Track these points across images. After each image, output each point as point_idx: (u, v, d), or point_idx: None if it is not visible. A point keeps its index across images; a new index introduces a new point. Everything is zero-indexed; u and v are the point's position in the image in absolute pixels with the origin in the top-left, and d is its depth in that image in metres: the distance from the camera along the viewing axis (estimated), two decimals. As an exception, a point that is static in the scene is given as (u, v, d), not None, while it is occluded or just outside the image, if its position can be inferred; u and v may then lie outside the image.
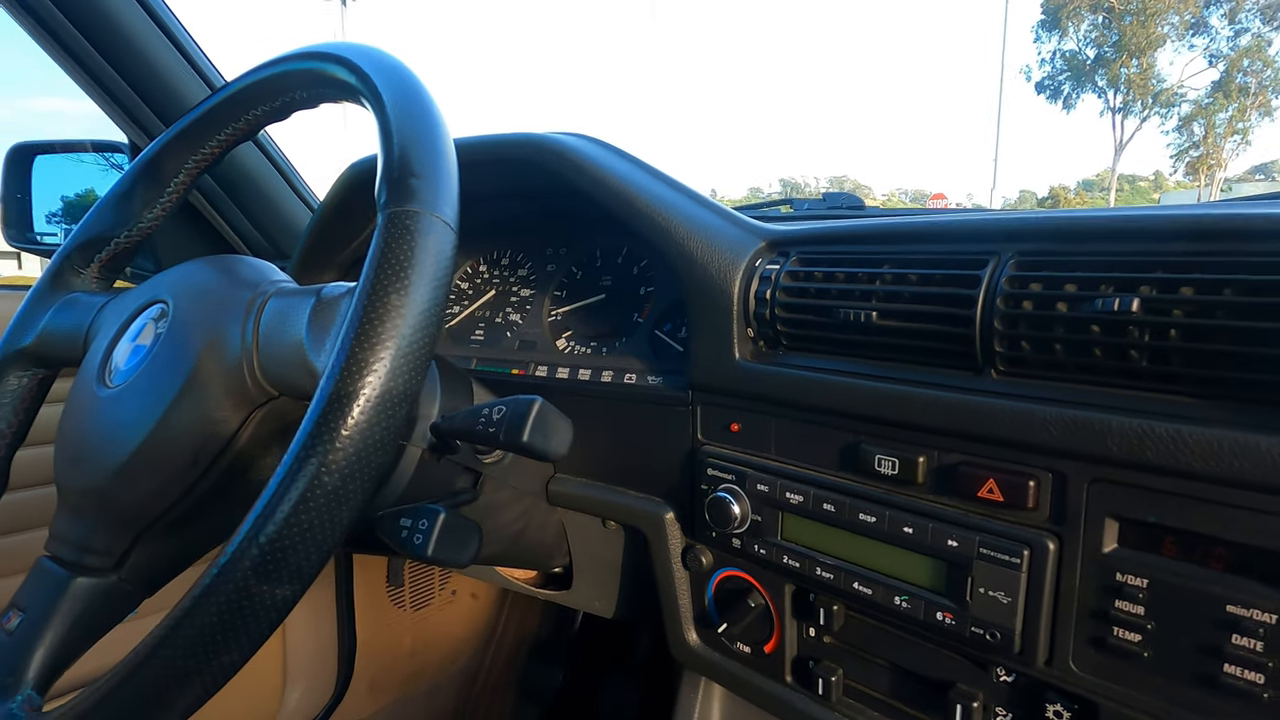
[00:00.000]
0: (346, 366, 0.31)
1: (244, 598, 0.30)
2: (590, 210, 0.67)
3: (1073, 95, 27.70)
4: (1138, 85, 25.63)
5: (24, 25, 0.69)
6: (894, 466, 0.44)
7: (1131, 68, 25.35)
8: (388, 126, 0.38)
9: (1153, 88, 25.84)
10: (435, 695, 1.22)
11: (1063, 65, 27.44)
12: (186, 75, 0.74)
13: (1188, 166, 26.01)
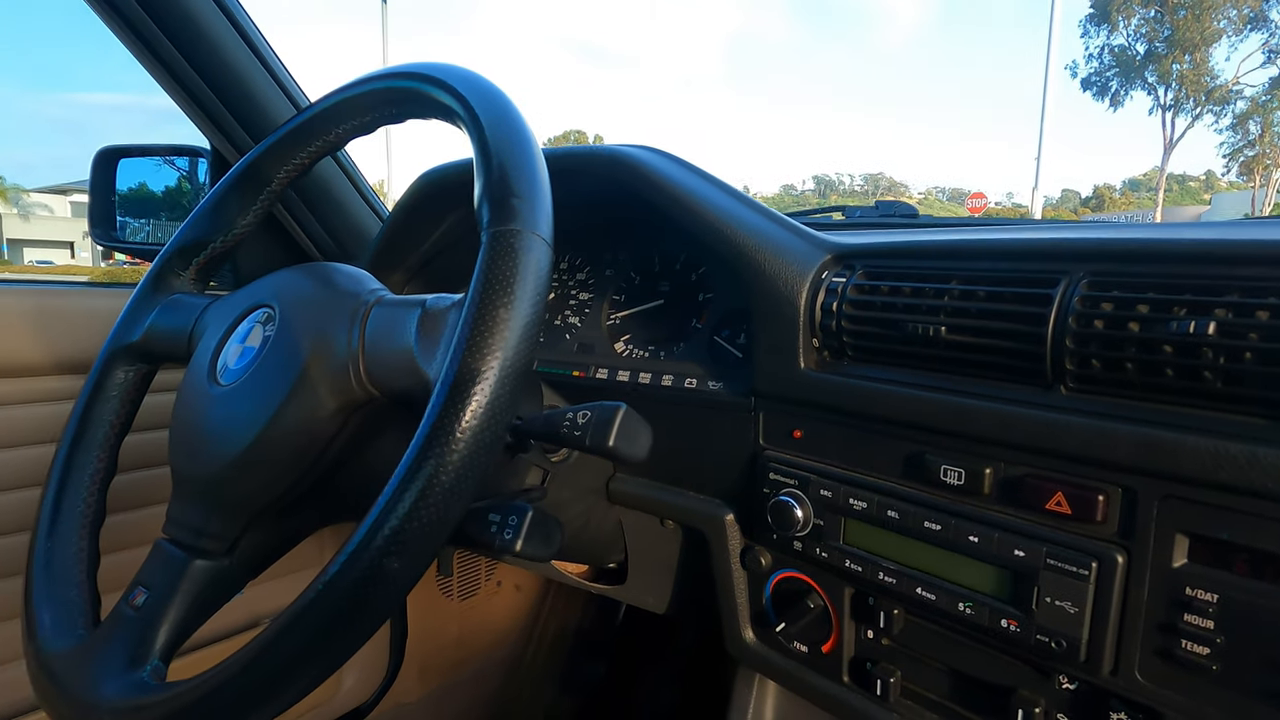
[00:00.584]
0: (459, 376, 0.34)
1: (368, 584, 0.32)
2: (650, 218, 0.70)
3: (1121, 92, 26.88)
4: (1190, 81, 24.76)
5: (123, 39, 0.73)
6: (960, 477, 0.46)
7: (1184, 63, 24.49)
8: (486, 148, 0.41)
9: (1206, 84, 24.94)
10: (479, 683, 1.25)
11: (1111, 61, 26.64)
12: (270, 87, 0.78)
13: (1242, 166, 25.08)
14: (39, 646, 0.45)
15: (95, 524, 0.53)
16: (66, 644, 0.44)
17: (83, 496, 0.53)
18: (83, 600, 0.48)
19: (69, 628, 0.46)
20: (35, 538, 0.51)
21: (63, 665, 0.43)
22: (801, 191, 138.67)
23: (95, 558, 0.51)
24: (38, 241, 44.93)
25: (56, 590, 0.48)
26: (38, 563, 0.49)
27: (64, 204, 47.78)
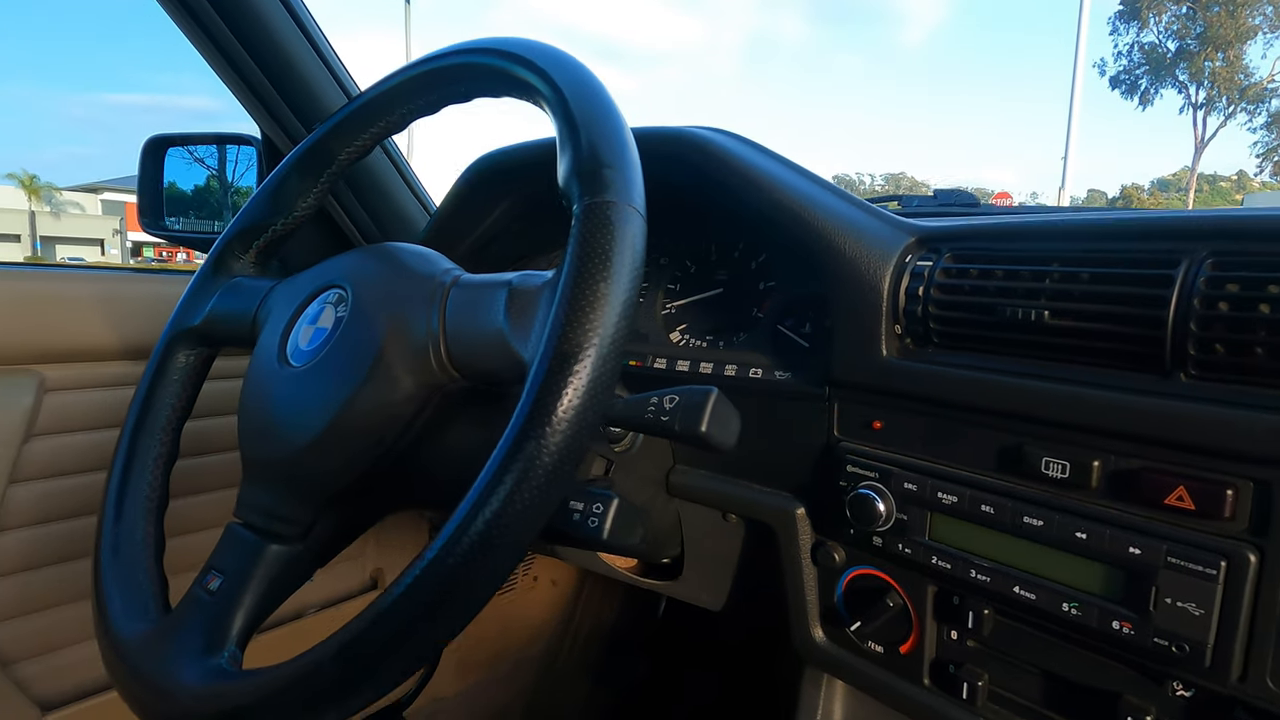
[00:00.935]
0: (559, 354, 0.32)
1: (468, 567, 0.31)
2: (710, 204, 0.68)
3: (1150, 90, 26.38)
4: (1223, 79, 24.23)
5: (182, 25, 0.73)
6: (1064, 470, 0.43)
7: (1217, 61, 23.98)
8: (572, 120, 0.39)
9: (1240, 82, 24.40)
10: (515, 677, 1.25)
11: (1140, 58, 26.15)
12: (324, 76, 0.78)
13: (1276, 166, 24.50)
14: (112, 630, 0.44)
15: (160, 508, 0.52)
16: (140, 628, 0.43)
17: (147, 481, 0.52)
18: (151, 584, 0.47)
19: (141, 612, 0.45)
20: (102, 522, 0.50)
21: (137, 649, 0.42)
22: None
23: (161, 541, 0.51)
24: (69, 239, 45.98)
25: (125, 574, 0.47)
26: (105, 547, 0.49)
27: (94, 202, 48.82)
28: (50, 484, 0.70)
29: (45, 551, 0.70)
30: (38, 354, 0.69)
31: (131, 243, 44.99)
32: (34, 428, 0.68)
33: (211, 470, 0.80)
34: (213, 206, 1.02)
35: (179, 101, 19.00)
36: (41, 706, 0.71)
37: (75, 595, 0.72)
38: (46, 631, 0.71)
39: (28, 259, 38.78)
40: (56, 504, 0.70)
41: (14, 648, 0.69)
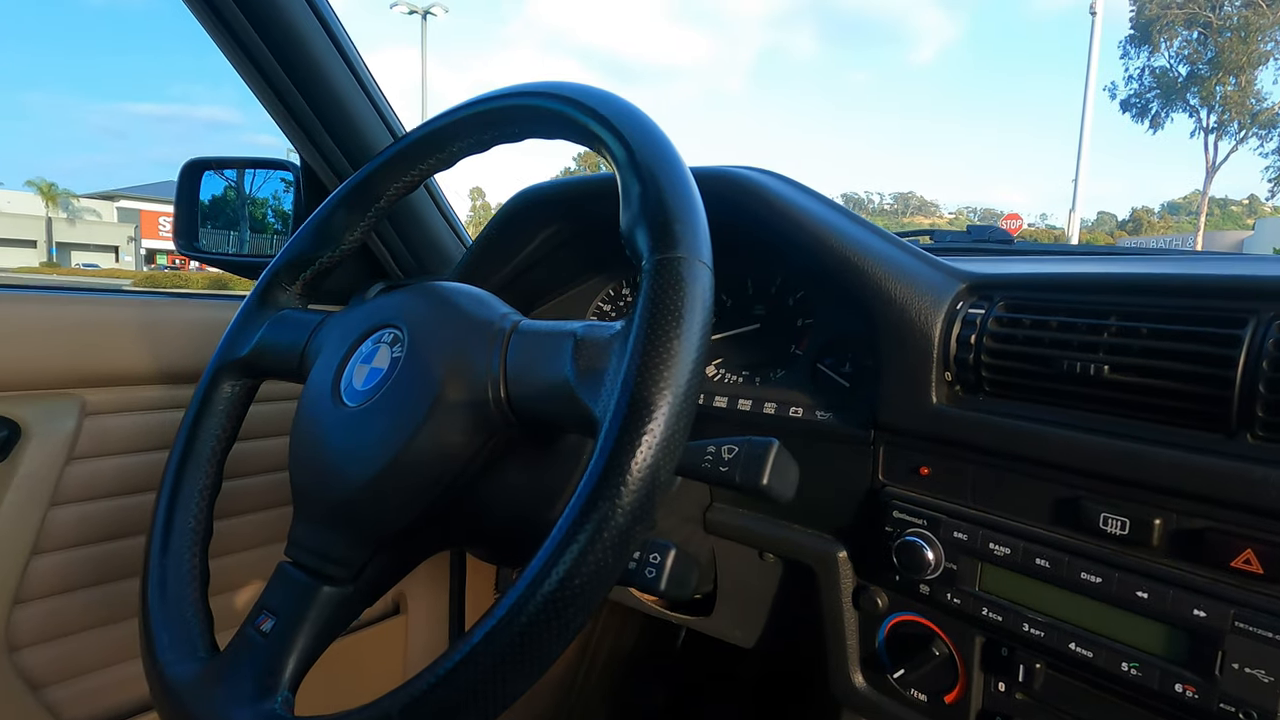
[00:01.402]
0: (633, 410, 0.32)
1: (537, 628, 0.31)
2: (749, 241, 0.68)
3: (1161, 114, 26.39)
4: (1235, 104, 24.24)
5: (231, 57, 0.74)
6: (1124, 527, 0.43)
7: (1229, 86, 23.99)
8: (640, 173, 0.40)
9: (1252, 107, 24.39)
10: (532, 702, 1.23)
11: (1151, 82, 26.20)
12: (368, 111, 0.79)
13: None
14: (161, 668, 0.44)
15: (205, 541, 0.52)
16: (190, 668, 0.43)
17: (193, 513, 0.52)
18: (198, 619, 0.47)
19: (189, 650, 0.45)
20: (149, 554, 0.50)
21: (189, 691, 0.42)
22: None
23: (206, 575, 0.51)
24: (85, 245, 46.54)
25: (172, 610, 0.47)
26: (153, 582, 0.49)
27: (111, 209, 49.47)
28: (88, 507, 0.70)
29: (81, 574, 0.70)
30: (79, 378, 0.70)
31: (145, 250, 45.51)
32: (75, 451, 0.68)
33: (249, 493, 0.81)
34: (244, 230, 1.03)
35: (195, 112, 19.34)
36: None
37: (109, 619, 0.72)
38: (79, 655, 0.71)
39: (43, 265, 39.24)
40: (94, 527, 0.70)
41: (45, 671, 0.69)
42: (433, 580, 1.05)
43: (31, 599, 0.67)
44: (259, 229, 1.03)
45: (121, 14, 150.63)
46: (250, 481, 0.80)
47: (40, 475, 0.66)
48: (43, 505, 0.66)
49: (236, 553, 0.81)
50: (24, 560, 0.65)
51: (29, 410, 0.66)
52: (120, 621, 0.73)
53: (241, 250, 1.04)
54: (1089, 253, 0.79)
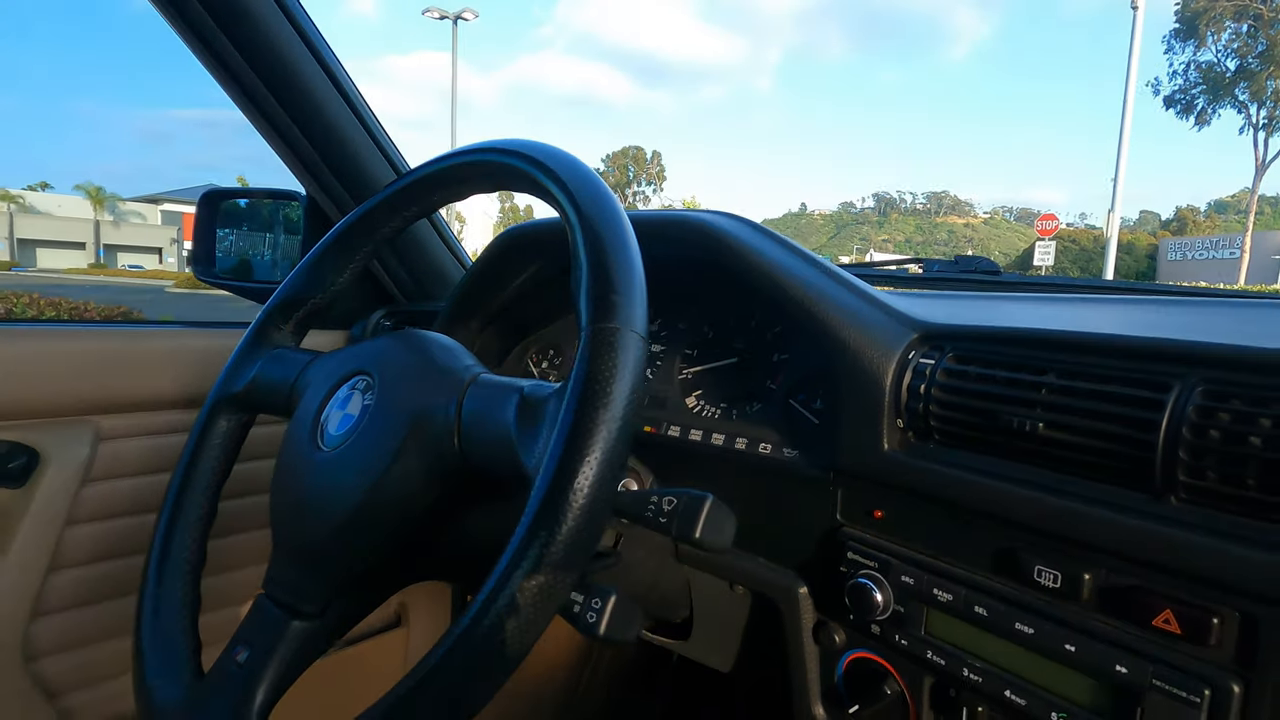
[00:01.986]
0: (559, 473, 0.35)
1: (478, 662, 0.34)
2: (727, 280, 0.70)
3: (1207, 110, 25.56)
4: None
5: (234, 97, 0.79)
6: (1055, 580, 0.44)
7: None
8: (587, 243, 0.42)
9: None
10: (535, 713, 1.26)
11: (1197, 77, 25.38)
12: (368, 148, 0.83)
13: (1344, 189, 23.44)
14: (149, 691, 0.47)
15: (197, 569, 0.56)
16: (175, 692, 0.47)
17: (187, 545, 0.56)
18: (186, 646, 0.51)
19: (175, 675, 0.48)
20: (145, 580, 0.54)
21: (173, 713, 0.45)
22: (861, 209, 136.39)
23: (197, 601, 0.54)
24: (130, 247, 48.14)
25: (163, 637, 0.51)
26: (147, 608, 0.52)
27: (155, 212, 51.11)
28: (102, 526, 0.75)
29: (95, 590, 0.75)
30: (94, 405, 0.74)
31: (187, 252, 46.87)
32: (90, 474, 0.73)
33: (247, 512, 0.85)
34: (256, 257, 1.08)
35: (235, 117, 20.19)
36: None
37: (121, 631, 0.77)
38: (94, 665, 0.76)
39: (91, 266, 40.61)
40: (107, 545, 0.75)
41: (61, 680, 0.74)
42: (434, 592, 1.09)
43: (48, 612, 0.72)
44: (269, 256, 1.08)
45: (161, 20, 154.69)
46: (248, 502, 0.84)
47: (57, 498, 0.70)
48: (59, 526, 0.71)
49: (232, 570, 0.85)
50: (41, 577, 0.70)
51: (46, 437, 0.71)
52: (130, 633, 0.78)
53: (252, 276, 1.09)
54: (1065, 287, 0.79)
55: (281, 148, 0.82)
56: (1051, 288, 0.79)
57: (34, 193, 48.00)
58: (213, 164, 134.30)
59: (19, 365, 0.69)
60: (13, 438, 0.69)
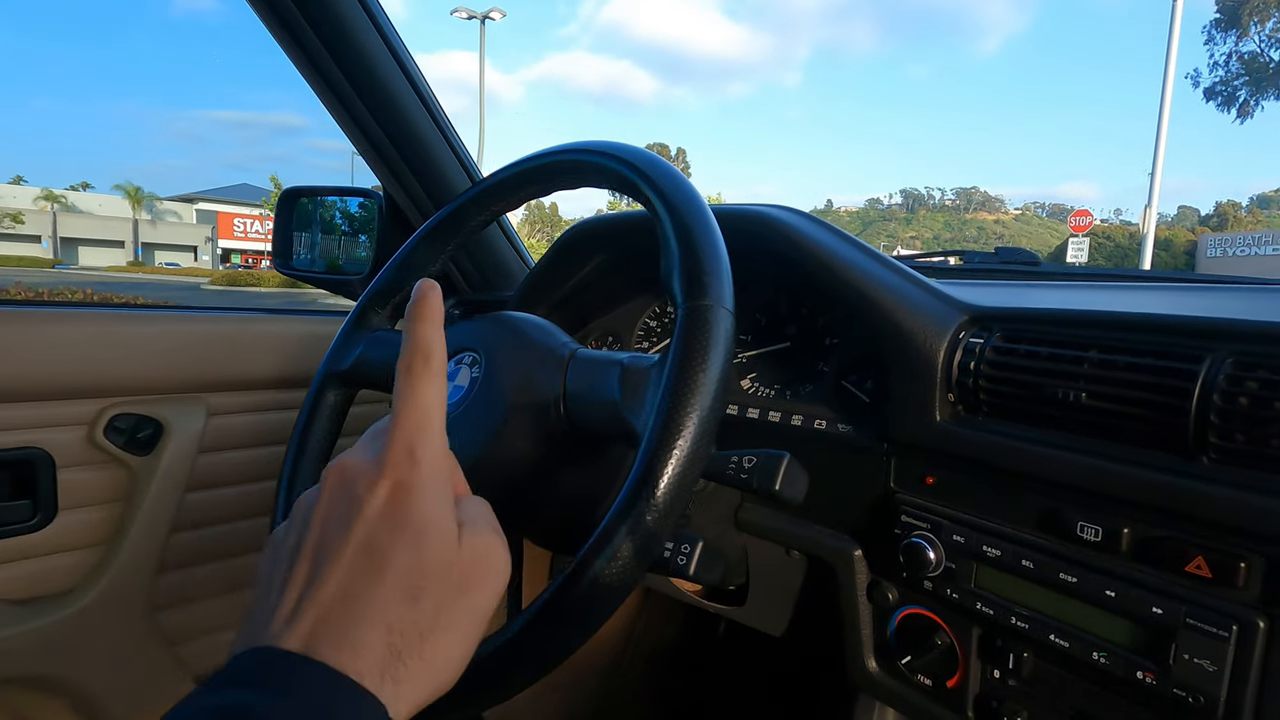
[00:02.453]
0: (666, 429, 0.41)
1: (583, 604, 0.40)
2: (781, 270, 0.75)
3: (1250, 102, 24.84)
4: (1334, 91, 22.57)
5: (327, 103, 0.86)
6: (1097, 534, 0.49)
7: (1327, 71, 22.36)
8: (678, 229, 0.48)
9: (1353, 93, 22.67)
10: (577, 687, 1.33)
11: (1239, 69, 24.67)
12: (444, 151, 0.90)
13: (1395, 183, 22.63)
14: None
15: None
16: None
17: None
18: None
19: None
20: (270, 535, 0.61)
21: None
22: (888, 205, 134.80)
23: None
24: (167, 245, 49.36)
25: None
26: None
27: (190, 211, 52.38)
28: (212, 493, 0.83)
29: (208, 550, 0.83)
30: (204, 383, 0.83)
31: (221, 250, 48.08)
32: (202, 445, 0.81)
33: None
34: (332, 250, 1.16)
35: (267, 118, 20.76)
36: (198, 682, 0.84)
37: (230, 588, 0.85)
38: (205, 618, 0.84)
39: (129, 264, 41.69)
40: (217, 511, 0.83)
41: (179, 630, 0.82)
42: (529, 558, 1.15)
43: (170, 569, 0.80)
44: (344, 249, 1.15)
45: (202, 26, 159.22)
46: None
47: (177, 466, 0.79)
48: (179, 491, 0.79)
49: None
50: (165, 536, 0.78)
51: (169, 411, 0.79)
52: (240, 590, 0.86)
53: (331, 268, 1.17)
54: (1104, 276, 0.83)
55: (365, 147, 0.89)
56: (1089, 277, 0.83)
57: (76, 192, 49.53)
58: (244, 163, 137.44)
59: (145, 345, 0.77)
60: (142, 411, 0.77)
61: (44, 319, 0.72)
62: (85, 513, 0.75)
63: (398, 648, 0.29)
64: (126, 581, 0.77)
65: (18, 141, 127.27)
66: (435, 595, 0.31)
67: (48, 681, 0.74)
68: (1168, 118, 13.80)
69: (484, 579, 0.33)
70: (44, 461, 0.72)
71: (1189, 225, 54.72)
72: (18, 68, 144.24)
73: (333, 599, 0.29)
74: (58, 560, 0.74)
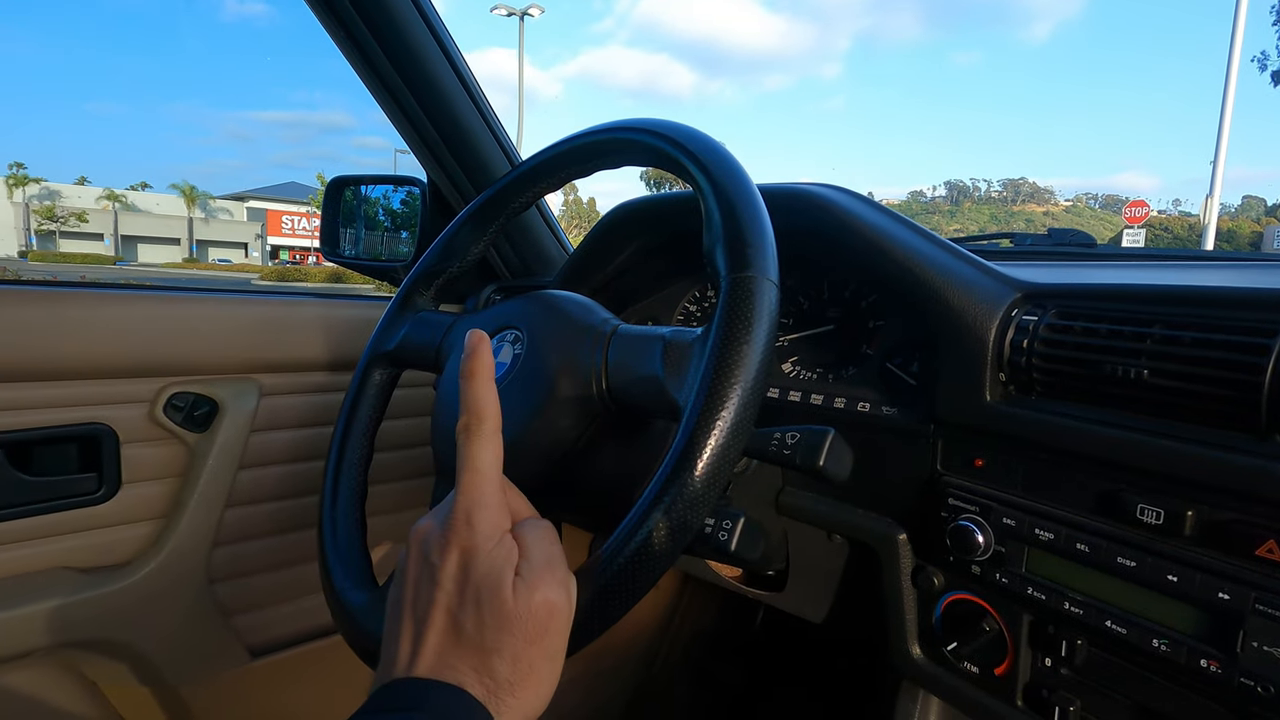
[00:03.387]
0: (709, 401, 0.41)
1: (628, 571, 0.40)
2: (825, 251, 0.74)
3: (1323, 85, 23.45)
4: None
5: (373, 90, 0.88)
6: (1158, 517, 0.47)
7: None
8: (720, 201, 0.47)
9: None
10: (617, 673, 1.34)
11: (1311, 50, 23.30)
12: (487, 137, 0.92)
13: None
14: (338, 597, 0.56)
15: (362, 499, 0.64)
16: (359, 595, 0.55)
17: (354, 477, 0.65)
18: (361, 559, 0.59)
19: (357, 582, 0.57)
20: (322, 508, 0.63)
21: (359, 614, 0.54)
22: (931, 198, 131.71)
23: (365, 525, 0.63)
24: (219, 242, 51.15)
25: (342, 552, 0.60)
26: (326, 529, 0.61)
27: (241, 209, 54.19)
28: (264, 471, 0.86)
29: (260, 526, 0.86)
30: (256, 365, 0.85)
31: (270, 246, 49.63)
32: (255, 425, 0.84)
33: (398, 463, 0.96)
34: (377, 237, 1.18)
35: (314, 117, 21.60)
36: (251, 652, 0.87)
37: (282, 563, 0.88)
38: (258, 591, 0.87)
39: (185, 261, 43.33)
40: (268, 488, 0.86)
41: (233, 602, 0.85)
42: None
43: (225, 543, 0.83)
44: (390, 235, 1.18)
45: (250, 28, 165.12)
46: (388, 456, 0.94)
47: (232, 444, 0.81)
48: (234, 468, 0.82)
49: (375, 516, 0.96)
50: (220, 511, 0.81)
51: (223, 390, 0.82)
52: (290, 566, 0.89)
53: (375, 255, 1.20)
54: (1164, 257, 0.80)
55: (410, 133, 0.91)
56: (1149, 258, 0.80)
57: (135, 192, 51.69)
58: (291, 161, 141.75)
59: (202, 326, 0.80)
60: (199, 390, 0.80)
61: (109, 300, 0.75)
62: (146, 487, 0.79)
63: (492, 690, 0.35)
64: (184, 554, 0.80)
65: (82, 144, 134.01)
66: (510, 649, 0.36)
67: (112, 646, 0.78)
68: (1232, 103, 13.13)
69: (547, 625, 0.38)
70: (108, 436, 0.76)
71: (1254, 216, 52.06)
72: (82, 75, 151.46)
73: (433, 652, 0.37)
74: (121, 532, 0.78)
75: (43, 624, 0.73)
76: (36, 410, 0.72)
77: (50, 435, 0.73)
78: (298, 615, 0.91)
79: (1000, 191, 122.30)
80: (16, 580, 0.72)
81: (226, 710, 0.87)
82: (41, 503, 0.73)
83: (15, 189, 47.14)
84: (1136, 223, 16.38)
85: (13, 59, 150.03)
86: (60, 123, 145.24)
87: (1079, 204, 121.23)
